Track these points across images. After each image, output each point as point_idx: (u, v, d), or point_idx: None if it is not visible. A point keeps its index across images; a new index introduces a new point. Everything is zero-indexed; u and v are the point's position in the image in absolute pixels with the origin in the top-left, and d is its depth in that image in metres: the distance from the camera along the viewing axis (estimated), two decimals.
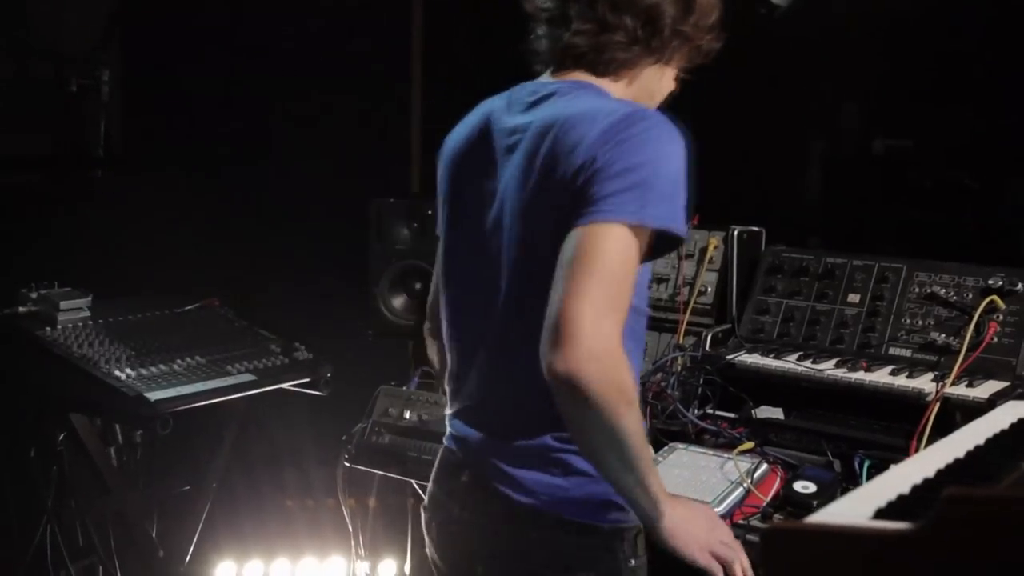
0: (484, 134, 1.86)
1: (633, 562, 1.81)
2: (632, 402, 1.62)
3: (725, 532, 1.82)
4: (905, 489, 1.28)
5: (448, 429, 1.97)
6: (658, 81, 1.88)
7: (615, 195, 1.61)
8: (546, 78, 1.86)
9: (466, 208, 1.88)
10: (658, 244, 1.68)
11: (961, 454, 1.43)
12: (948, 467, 1.38)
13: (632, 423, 1.62)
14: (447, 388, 1.98)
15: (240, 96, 4.09)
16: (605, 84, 1.82)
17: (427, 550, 2.02)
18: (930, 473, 1.35)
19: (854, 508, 1.24)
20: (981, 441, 1.50)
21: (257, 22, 4.13)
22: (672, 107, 1.90)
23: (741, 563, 1.77)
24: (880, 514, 1.21)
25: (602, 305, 1.56)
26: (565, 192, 1.66)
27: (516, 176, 1.76)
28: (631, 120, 1.66)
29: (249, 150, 4.07)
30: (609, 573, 1.78)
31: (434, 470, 2.00)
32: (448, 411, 1.98)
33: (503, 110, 1.85)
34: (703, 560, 1.74)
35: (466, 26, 3.99)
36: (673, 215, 1.65)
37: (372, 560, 3.39)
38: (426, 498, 2.00)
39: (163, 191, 3.99)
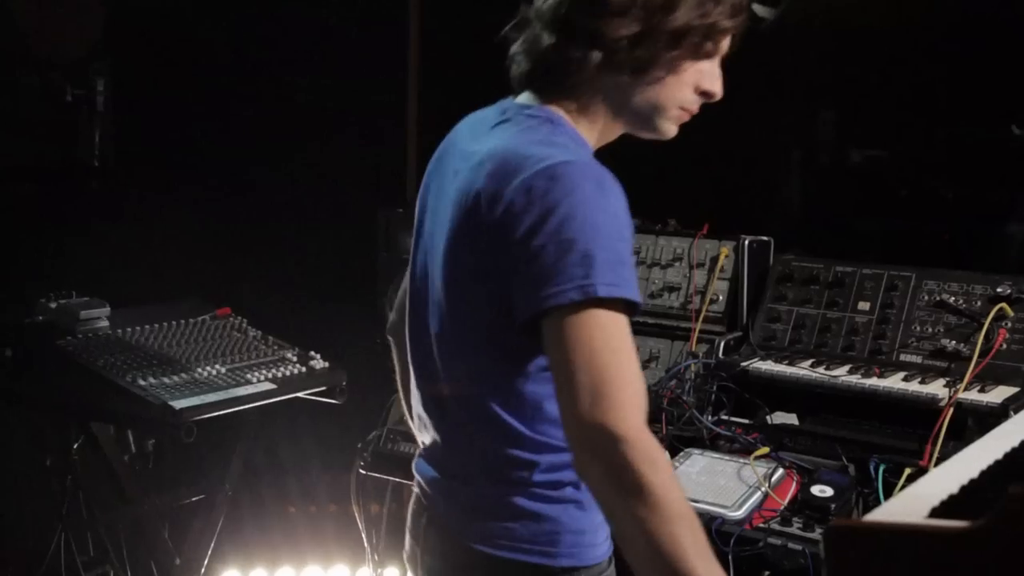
0: (445, 154, 1.79)
1: None
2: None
3: None
4: (954, 489, 1.33)
5: (415, 472, 1.88)
6: (656, 92, 1.71)
7: (557, 275, 1.49)
8: (512, 99, 1.78)
9: (421, 240, 1.80)
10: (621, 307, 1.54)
11: (1000, 456, 1.49)
12: (990, 468, 1.44)
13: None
14: (414, 422, 1.91)
15: (236, 107, 4.10)
16: (572, 118, 1.71)
17: None
18: (974, 474, 1.40)
19: (908, 507, 1.29)
20: (1016, 443, 1.56)
21: (254, 32, 4.15)
22: None
23: None
24: (934, 513, 1.26)
25: (605, 395, 1.45)
26: (492, 245, 1.57)
27: (450, 210, 1.67)
28: (555, 175, 1.53)
29: (246, 161, 4.08)
30: None
31: (410, 516, 1.91)
32: (418, 447, 1.91)
33: (468, 131, 1.77)
34: None
35: (463, 36, 4.02)
36: (622, 279, 1.52)
37: (378, 568, 3.42)
38: (406, 546, 1.91)
39: (160, 202, 4.00)
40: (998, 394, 2.37)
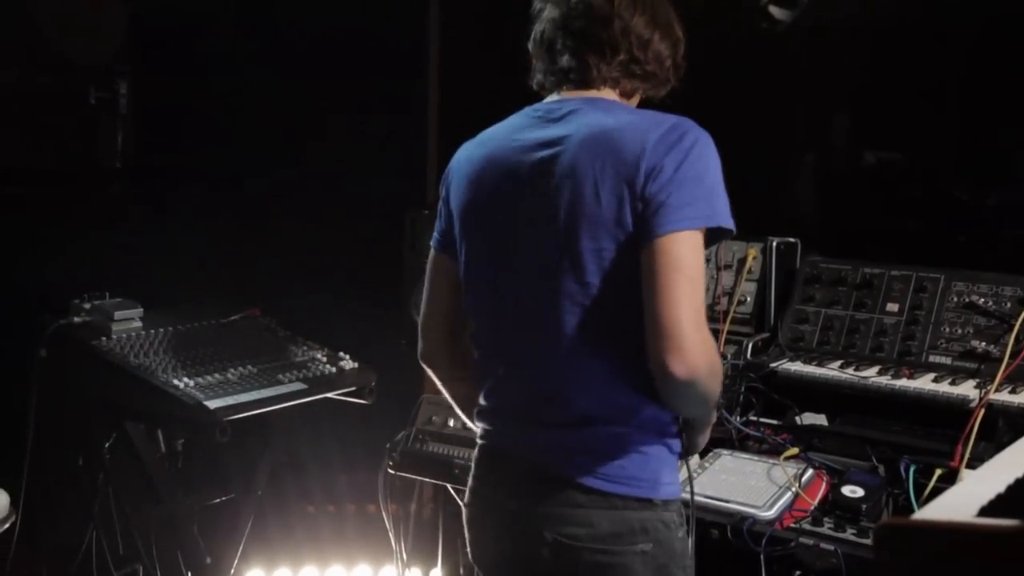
0: (504, 152, 1.97)
1: (681, 532, 1.97)
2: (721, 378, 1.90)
3: None
4: (1001, 488, 1.35)
5: (485, 426, 2.06)
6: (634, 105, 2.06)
7: (692, 204, 1.80)
8: (558, 96, 1.99)
9: (498, 224, 1.97)
10: (709, 237, 1.87)
11: None
12: None
13: (719, 390, 1.91)
14: (483, 398, 2.06)
15: (259, 108, 4.12)
16: (620, 99, 2.00)
17: (468, 550, 2.11)
18: (1019, 474, 1.42)
19: (957, 506, 1.30)
20: None
21: (276, 33, 4.17)
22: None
23: None
24: (984, 512, 1.28)
25: (696, 308, 1.79)
26: (633, 197, 1.81)
27: (569, 184, 1.87)
28: (683, 129, 1.85)
29: (269, 161, 4.10)
30: (664, 540, 1.93)
31: (475, 466, 2.09)
32: (485, 408, 2.06)
33: (518, 129, 1.98)
34: None
35: (483, 35, 4.05)
36: (728, 211, 1.87)
37: (405, 569, 3.43)
38: (468, 496, 2.08)
39: (183, 203, 4.02)
40: None
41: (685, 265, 1.77)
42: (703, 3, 2.10)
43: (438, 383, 2.21)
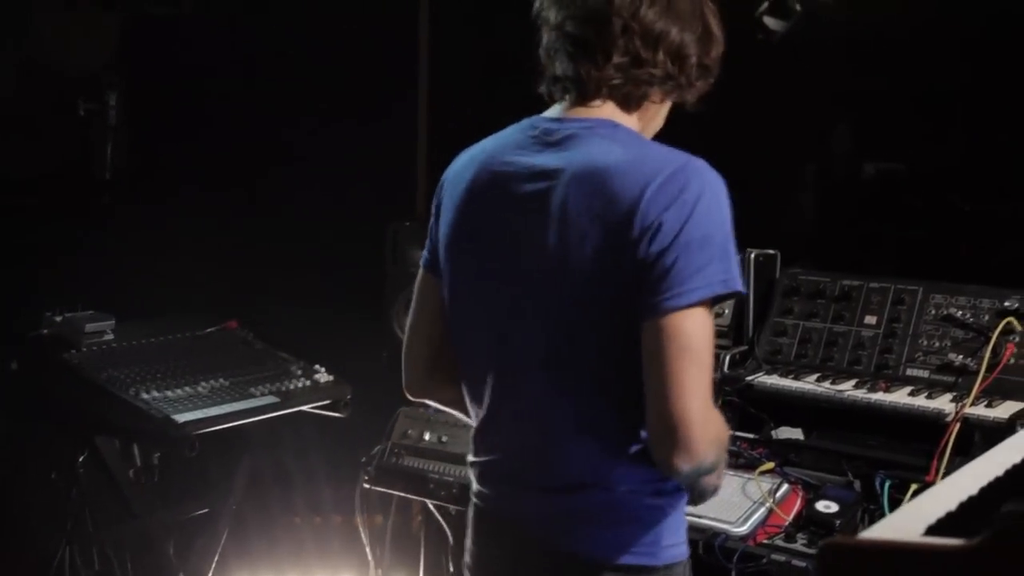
0: (494, 175, 1.79)
1: None
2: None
3: None
4: (952, 506, 1.32)
5: (477, 486, 1.90)
6: (661, 115, 1.85)
7: (701, 271, 1.59)
8: (559, 112, 1.80)
9: (482, 253, 1.81)
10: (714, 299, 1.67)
11: (1000, 472, 1.47)
12: (990, 485, 1.42)
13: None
14: (473, 438, 1.90)
15: (247, 121, 4.12)
16: (626, 120, 1.78)
17: None
18: (973, 491, 1.39)
19: (904, 525, 1.27)
20: (1017, 459, 1.54)
21: (264, 47, 4.17)
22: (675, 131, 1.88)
23: None
24: (931, 531, 1.25)
25: (705, 395, 1.61)
26: (623, 253, 1.62)
27: (556, 227, 1.68)
28: (687, 176, 1.62)
29: (255, 174, 4.10)
30: None
31: (472, 529, 1.93)
32: (475, 462, 1.90)
33: (513, 148, 1.79)
34: None
35: (473, 49, 4.04)
36: (739, 271, 1.65)
37: None
38: (468, 558, 1.94)
39: (170, 215, 4.02)
40: (1005, 409, 2.36)
41: (694, 347, 1.58)
42: None
43: (439, 407, 2.05)
